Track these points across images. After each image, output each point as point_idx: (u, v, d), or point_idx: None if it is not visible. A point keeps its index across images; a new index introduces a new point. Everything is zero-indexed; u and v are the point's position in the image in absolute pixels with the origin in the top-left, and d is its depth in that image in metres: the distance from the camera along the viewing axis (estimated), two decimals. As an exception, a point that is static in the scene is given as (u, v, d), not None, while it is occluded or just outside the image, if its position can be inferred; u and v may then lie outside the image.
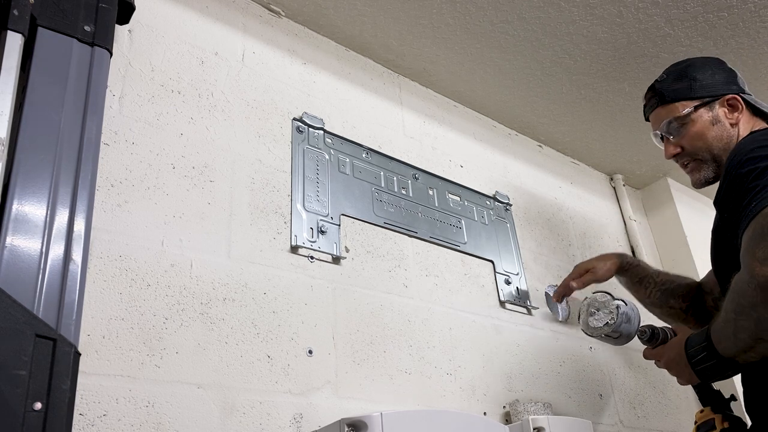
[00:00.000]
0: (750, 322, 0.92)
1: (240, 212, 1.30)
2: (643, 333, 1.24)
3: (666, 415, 1.96)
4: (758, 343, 0.93)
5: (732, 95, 1.26)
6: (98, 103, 1.06)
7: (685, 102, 1.29)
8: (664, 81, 1.34)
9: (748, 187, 0.96)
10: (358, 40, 1.75)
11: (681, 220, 2.35)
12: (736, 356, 0.99)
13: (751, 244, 0.91)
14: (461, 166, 1.87)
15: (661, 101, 1.33)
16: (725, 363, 1.01)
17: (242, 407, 1.12)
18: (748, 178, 0.97)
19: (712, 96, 1.27)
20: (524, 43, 1.78)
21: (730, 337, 0.98)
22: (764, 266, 0.88)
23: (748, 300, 0.91)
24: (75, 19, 1.08)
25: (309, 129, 1.53)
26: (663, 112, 1.32)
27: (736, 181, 1.01)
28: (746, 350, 0.96)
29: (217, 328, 1.16)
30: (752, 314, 0.91)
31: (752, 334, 0.93)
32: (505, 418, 1.50)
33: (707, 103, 1.27)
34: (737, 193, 0.99)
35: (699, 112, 1.27)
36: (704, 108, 1.27)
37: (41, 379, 0.77)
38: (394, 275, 1.50)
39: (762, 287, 0.88)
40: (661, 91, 1.33)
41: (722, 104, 1.26)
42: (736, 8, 1.71)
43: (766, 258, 0.88)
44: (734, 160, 1.04)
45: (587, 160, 2.36)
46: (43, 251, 0.88)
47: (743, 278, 0.92)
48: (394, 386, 1.35)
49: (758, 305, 0.89)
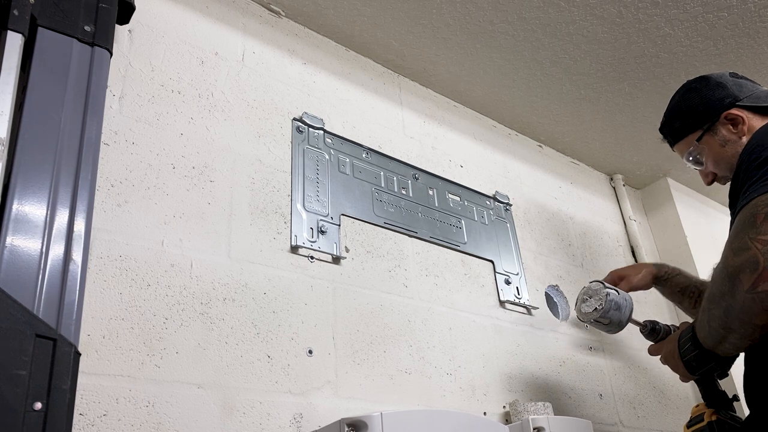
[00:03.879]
0: (720, 311, 0.94)
1: (240, 212, 1.30)
2: (644, 327, 1.26)
3: (666, 415, 1.96)
4: (729, 333, 0.94)
5: (727, 112, 1.24)
6: (98, 103, 1.06)
7: (690, 136, 1.31)
8: (665, 125, 1.38)
9: (750, 174, 0.98)
10: (358, 40, 1.75)
11: (681, 220, 2.35)
12: (714, 348, 1.00)
13: (731, 234, 0.94)
14: (461, 166, 1.88)
15: (675, 140, 1.36)
16: (707, 354, 1.02)
17: (242, 407, 1.12)
18: (752, 166, 0.98)
19: (709, 120, 1.26)
20: (524, 43, 1.78)
21: (705, 327, 0.99)
22: (736, 256, 0.91)
23: (719, 289, 0.94)
24: (75, 19, 1.08)
25: (309, 129, 1.53)
26: (679, 149, 1.36)
27: (742, 167, 1.02)
28: (720, 341, 0.97)
29: (217, 328, 1.16)
30: (722, 303, 0.93)
31: (722, 323, 0.94)
32: (505, 418, 1.50)
33: (708, 129, 1.27)
34: (742, 180, 1.00)
35: (705, 140, 1.28)
36: (708, 135, 1.27)
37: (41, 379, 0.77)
38: (394, 275, 1.50)
39: (730, 276, 0.91)
40: (667, 134, 1.38)
41: (722, 123, 1.25)
42: (736, 8, 1.71)
43: (740, 248, 0.90)
44: (747, 147, 1.05)
45: (587, 160, 2.36)
46: (43, 251, 0.88)
47: (718, 268, 0.95)
48: (394, 386, 1.35)
49: (726, 294, 0.92)
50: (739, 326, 0.92)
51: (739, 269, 0.89)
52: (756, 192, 0.93)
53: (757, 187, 0.94)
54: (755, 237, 0.89)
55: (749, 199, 0.93)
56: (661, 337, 1.23)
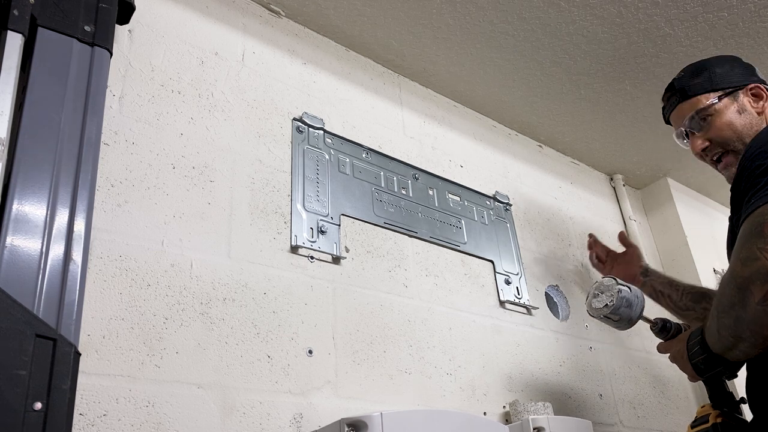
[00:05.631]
0: (730, 320, 0.94)
1: (240, 212, 1.30)
2: (655, 324, 1.25)
3: (666, 415, 1.96)
4: (739, 342, 0.94)
5: (755, 84, 1.25)
6: (98, 103, 1.06)
7: (708, 94, 1.26)
8: (683, 78, 1.32)
9: (753, 182, 0.97)
10: (358, 40, 1.75)
11: (681, 220, 2.35)
12: (723, 353, 1.00)
13: (739, 244, 0.94)
14: (461, 166, 1.87)
15: (682, 97, 1.30)
16: (716, 359, 1.02)
17: (242, 407, 1.12)
18: (755, 174, 0.98)
19: (734, 86, 1.25)
20: (524, 43, 1.78)
21: (715, 334, 0.99)
22: (745, 267, 0.90)
23: (728, 299, 0.93)
24: (75, 19, 1.08)
25: (309, 129, 1.53)
26: (686, 107, 1.29)
27: (744, 174, 1.01)
28: (730, 348, 0.97)
29: (217, 328, 1.16)
30: (732, 313, 0.93)
31: (732, 333, 0.94)
32: (505, 418, 1.50)
33: (730, 93, 1.25)
34: (745, 187, 1.00)
35: (723, 102, 1.24)
36: (728, 98, 1.24)
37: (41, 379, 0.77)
38: (394, 275, 1.50)
39: (740, 287, 0.90)
40: (681, 87, 1.31)
41: (746, 93, 1.24)
42: (736, 8, 1.71)
43: (748, 258, 0.90)
44: (748, 152, 1.03)
45: (587, 160, 2.36)
46: (43, 251, 0.88)
47: (726, 278, 0.95)
48: (394, 386, 1.35)
49: (736, 305, 0.91)
50: (750, 336, 0.92)
51: (749, 280, 0.89)
52: (761, 200, 0.92)
53: (761, 195, 0.93)
54: (763, 247, 0.88)
55: (754, 208, 0.93)
56: (672, 335, 1.22)
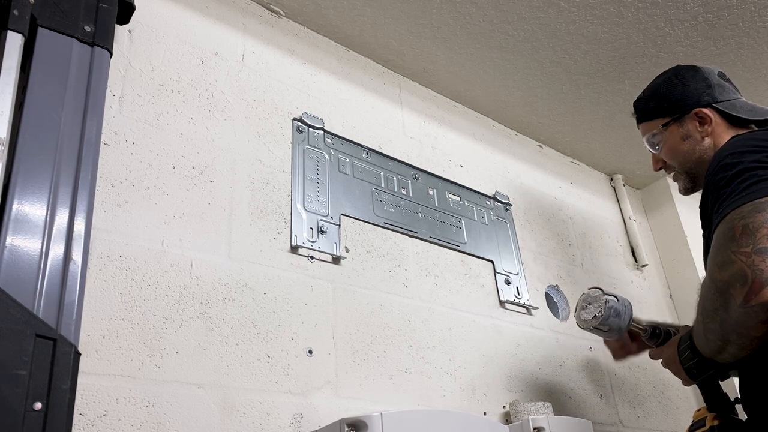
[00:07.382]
0: (716, 324, 0.95)
1: (240, 212, 1.30)
2: (645, 331, 1.26)
3: (666, 415, 1.96)
4: (727, 345, 0.95)
5: (699, 109, 1.26)
6: (98, 103, 1.06)
7: (658, 120, 1.34)
8: (641, 100, 1.41)
9: (719, 194, 1.00)
10: (358, 40, 1.75)
11: (681, 220, 2.35)
12: (713, 357, 1.01)
13: (714, 249, 0.96)
14: (461, 166, 1.87)
15: (641, 118, 1.40)
16: (706, 362, 1.04)
17: (242, 407, 1.12)
18: (719, 186, 1.01)
19: (680, 112, 1.29)
20: (524, 43, 1.78)
21: (703, 339, 1.01)
22: (723, 271, 0.92)
23: (711, 304, 0.95)
24: (75, 19, 1.08)
25: (309, 129, 1.53)
26: (643, 128, 1.39)
27: (709, 188, 1.05)
28: (719, 351, 0.98)
29: (217, 328, 1.16)
30: (716, 318, 0.94)
31: (720, 336, 0.95)
32: (505, 418, 1.50)
33: (677, 119, 1.30)
34: (712, 200, 1.03)
35: (670, 128, 1.31)
36: (675, 124, 1.30)
37: (41, 379, 0.77)
38: (394, 275, 1.50)
39: (720, 292, 0.92)
40: (639, 108, 1.40)
41: (692, 118, 1.28)
42: (736, 8, 1.71)
43: (724, 263, 0.92)
44: (709, 170, 1.07)
45: (587, 160, 2.36)
46: (43, 251, 0.88)
47: (706, 283, 0.97)
48: (394, 386, 1.35)
49: (719, 309, 0.93)
50: (737, 339, 0.93)
51: (728, 283, 0.90)
52: (729, 207, 0.95)
53: (729, 203, 0.96)
54: (737, 250, 0.90)
55: (724, 214, 0.95)
56: (662, 341, 1.23)
